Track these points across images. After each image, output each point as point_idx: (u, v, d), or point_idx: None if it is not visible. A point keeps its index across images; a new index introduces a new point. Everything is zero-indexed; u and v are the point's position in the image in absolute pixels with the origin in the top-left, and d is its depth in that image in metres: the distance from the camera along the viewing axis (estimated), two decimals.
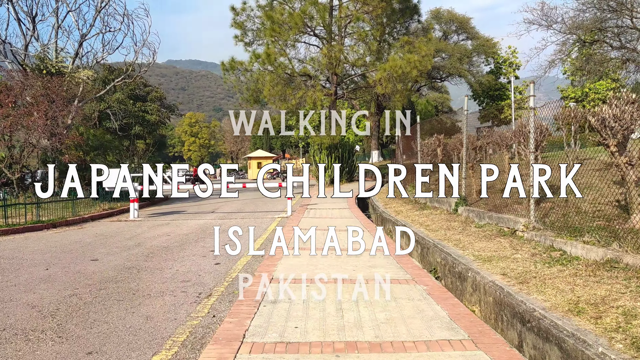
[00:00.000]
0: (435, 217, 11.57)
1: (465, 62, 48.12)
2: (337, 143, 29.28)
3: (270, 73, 27.75)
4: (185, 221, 14.69)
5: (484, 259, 7.13)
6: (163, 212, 17.77)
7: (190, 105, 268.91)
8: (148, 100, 38.46)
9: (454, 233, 9.48)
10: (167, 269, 8.11)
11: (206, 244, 10.53)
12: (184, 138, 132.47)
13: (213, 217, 15.63)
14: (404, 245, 7.82)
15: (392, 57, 26.67)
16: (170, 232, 12.41)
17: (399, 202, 15.56)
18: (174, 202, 22.14)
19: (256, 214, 16.26)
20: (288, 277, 6.70)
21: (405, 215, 12.62)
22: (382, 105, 51.39)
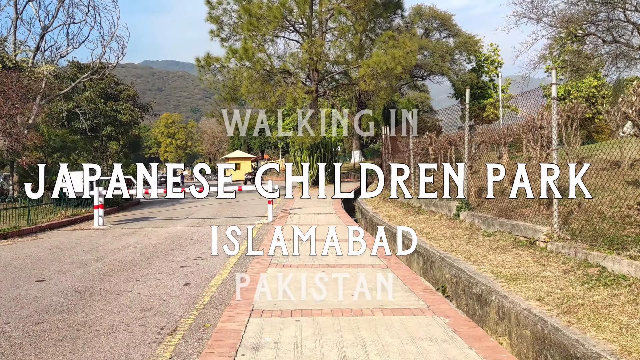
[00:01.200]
0: (435, 224, 10.38)
1: (448, 59, 47.26)
2: (318, 143, 28.02)
3: (248, 69, 26.38)
4: (155, 229, 13.28)
5: (507, 278, 5.93)
6: (132, 218, 16.31)
7: (167, 106, 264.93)
8: (120, 99, 36.68)
9: (461, 243, 8.28)
10: (125, 293, 6.75)
11: (176, 258, 9.18)
12: (160, 139, 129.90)
13: (186, 224, 14.25)
14: (407, 260, 6.61)
15: (376, 53, 25.52)
16: (137, 243, 11.01)
17: (389, 206, 14.36)
18: (146, 207, 20.65)
19: (233, 220, 14.91)
20: (272, 307, 5.41)
21: (399, 221, 11.41)
22: (364, 103, 50.31)
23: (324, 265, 7.47)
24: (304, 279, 6.66)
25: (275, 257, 8.11)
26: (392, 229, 10.49)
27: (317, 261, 7.72)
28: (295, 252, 8.41)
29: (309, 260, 7.89)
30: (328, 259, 7.90)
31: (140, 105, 39.82)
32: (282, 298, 5.80)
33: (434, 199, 11.89)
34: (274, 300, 5.71)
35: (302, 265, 7.49)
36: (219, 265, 8.42)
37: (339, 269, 7.29)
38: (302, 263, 7.59)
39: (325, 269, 7.24)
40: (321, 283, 6.46)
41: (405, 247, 9.20)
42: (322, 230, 10.66)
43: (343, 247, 8.16)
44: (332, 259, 7.94)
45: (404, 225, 10.78)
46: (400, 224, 11.02)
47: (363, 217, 14.59)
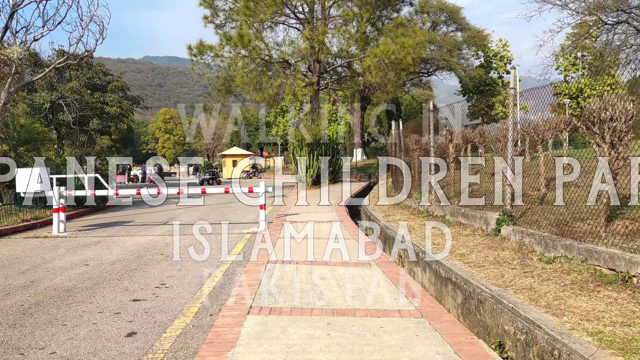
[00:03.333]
0: (468, 241, 8.17)
1: (456, 54, 45.00)
2: (319, 139, 25.80)
3: (244, 58, 24.15)
4: (123, 238, 11.06)
5: (619, 347, 3.74)
6: (104, 222, 14.10)
7: (167, 102, 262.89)
8: (108, 90, 34.45)
9: (516, 273, 6.07)
10: (35, 351, 4.55)
11: (133, 284, 6.96)
12: (157, 135, 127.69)
13: (163, 231, 12.03)
14: (436, 291, 4.43)
15: (384, 41, 23.27)
16: (93, 259, 8.80)
17: (403, 213, 12.14)
18: (127, 208, 18.44)
19: (220, 226, 12.71)
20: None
21: (420, 235, 9.20)
22: (367, 99, 48.10)
23: (330, 311, 5.25)
24: (299, 339, 4.44)
25: (260, 297, 5.89)
26: (414, 247, 8.29)
27: (319, 302, 5.49)
28: (288, 286, 6.20)
29: (307, 300, 5.67)
30: (335, 300, 5.68)
31: (131, 98, 37.56)
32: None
33: (462, 208, 9.68)
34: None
35: (297, 310, 5.27)
36: (185, 298, 6.21)
37: (352, 319, 5.06)
38: (297, 306, 5.36)
39: (331, 321, 5.01)
40: (326, 350, 4.24)
41: (433, 274, 7.03)
42: (325, 247, 8.44)
43: (356, 279, 5.97)
44: (340, 299, 5.72)
45: (428, 240, 8.57)
46: (422, 239, 8.81)
47: (372, 224, 12.37)
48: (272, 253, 7.91)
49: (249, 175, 57.38)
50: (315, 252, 8.07)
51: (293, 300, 5.30)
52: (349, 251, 8.18)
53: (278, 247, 8.45)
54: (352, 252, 8.13)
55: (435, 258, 7.23)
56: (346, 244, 8.85)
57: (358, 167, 42.16)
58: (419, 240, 8.75)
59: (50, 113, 32.56)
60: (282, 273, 6.39)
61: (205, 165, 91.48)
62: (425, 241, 8.55)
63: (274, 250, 8.20)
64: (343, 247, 8.46)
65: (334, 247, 8.34)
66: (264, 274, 6.31)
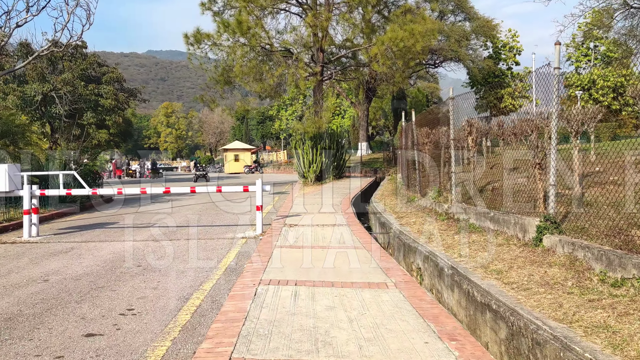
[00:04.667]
0: (503, 252, 6.78)
1: (464, 45, 43.40)
2: (323, 132, 24.40)
3: (243, 46, 22.72)
4: (100, 244, 9.72)
5: None
6: (85, 224, 12.76)
7: (170, 96, 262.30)
8: (103, 82, 33.05)
9: (578, 302, 4.69)
10: None
11: (92, 310, 5.62)
12: (159, 129, 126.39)
13: (147, 235, 10.68)
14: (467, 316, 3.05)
15: (392, 28, 21.80)
16: (57, 271, 7.46)
17: (419, 215, 10.74)
18: (116, 206, 17.11)
19: (212, 229, 11.36)
20: None
21: (443, 244, 7.81)
22: (373, 91, 46.59)
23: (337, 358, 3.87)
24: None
25: (244, 341, 4.52)
26: (438, 259, 6.91)
27: (323, 350, 4.08)
28: (283, 322, 4.83)
29: (307, 347, 4.28)
30: (345, 347, 4.29)
31: (128, 90, 36.17)
32: None
33: (491, 210, 8.29)
34: None
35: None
36: (154, 332, 4.87)
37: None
38: (294, 357, 3.97)
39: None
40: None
41: (465, 296, 5.68)
42: (331, 260, 7.07)
43: (371, 309, 4.61)
44: (353, 344, 4.32)
45: (453, 250, 7.19)
46: (445, 248, 7.43)
47: (383, 229, 10.99)
48: (267, 268, 6.55)
49: (251, 170, 56.03)
50: (319, 266, 6.71)
51: (289, 348, 3.91)
52: (360, 265, 6.81)
53: (274, 260, 7.08)
54: (363, 266, 6.76)
55: (467, 275, 5.87)
56: (356, 255, 7.48)
57: (363, 162, 40.76)
58: (442, 250, 7.37)
59: (42, 106, 31.23)
60: (276, 300, 5.03)
61: (207, 159, 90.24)
62: (450, 252, 7.17)
63: (269, 263, 6.83)
64: (352, 259, 7.09)
65: (342, 261, 6.97)
66: (253, 301, 4.96)
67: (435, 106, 20.68)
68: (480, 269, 6.13)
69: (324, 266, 6.65)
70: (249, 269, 6.56)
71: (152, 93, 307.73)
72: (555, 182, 6.70)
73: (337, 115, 68.22)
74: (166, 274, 7.24)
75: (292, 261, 6.95)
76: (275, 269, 6.53)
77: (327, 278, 5.98)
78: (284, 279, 5.82)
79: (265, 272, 6.24)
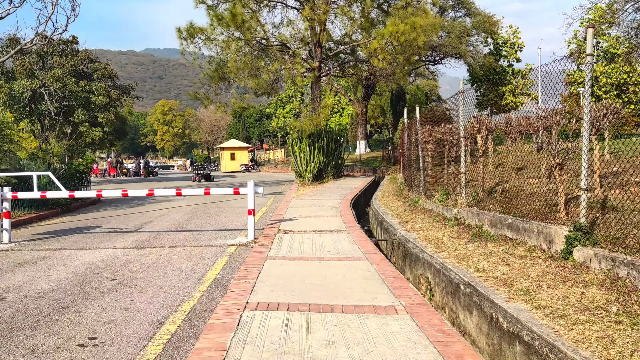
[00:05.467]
0: (527, 266, 5.92)
1: (465, 41, 42.52)
2: (321, 130, 23.53)
3: (237, 40, 21.83)
4: (76, 253, 8.84)
5: None
6: (65, 228, 11.87)
7: (167, 94, 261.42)
8: (94, 78, 32.10)
9: (633, 337, 3.83)
10: None
11: (47, 339, 4.74)
12: (156, 127, 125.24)
13: (129, 242, 9.80)
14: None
15: (393, 21, 20.92)
16: (20, 287, 6.58)
17: (425, 219, 9.87)
18: (103, 208, 16.22)
19: (200, 235, 10.48)
20: None
21: (455, 254, 6.95)
22: (372, 88, 45.72)
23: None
24: None
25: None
26: (451, 273, 6.05)
27: None
28: (271, 352, 3.94)
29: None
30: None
31: (121, 87, 35.23)
32: None
33: (507, 218, 7.42)
34: None
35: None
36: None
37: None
38: None
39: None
40: None
41: (487, 321, 4.85)
42: (331, 277, 6.20)
43: (380, 345, 3.74)
44: None
45: (468, 263, 6.33)
46: (458, 260, 6.57)
47: (385, 234, 10.13)
48: (255, 286, 5.68)
49: (247, 168, 55.11)
50: (316, 284, 5.84)
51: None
52: (364, 282, 5.95)
53: (265, 276, 6.20)
54: (367, 283, 5.89)
55: (489, 296, 5.02)
56: (359, 268, 6.61)
57: (362, 161, 39.93)
58: (455, 262, 6.51)
59: (32, 103, 30.30)
60: (263, 333, 4.15)
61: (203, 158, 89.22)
62: (465, 265, 6.31)
63: (258, 280, 5.95)
64: (354, 274, 6.22)
65: (343, 276, 6.10)
66: (235, 334, 4.08)
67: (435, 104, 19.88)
68: (503, 288, 5.27)
69: (321, 284, 5.78)
70: (235, 287, 5.69)
71: (150, 91, 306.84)
72: (587, 185, 5.84)
73: (335, 113, 67.33)
74: (143, 289, 6.37)
75: (285, 277, 6.08)
76: (265, 287, 5.66)
77: (325, 300, 5.11)
78: (275, 302, 4.95)
79: (253, 292, 5.37)
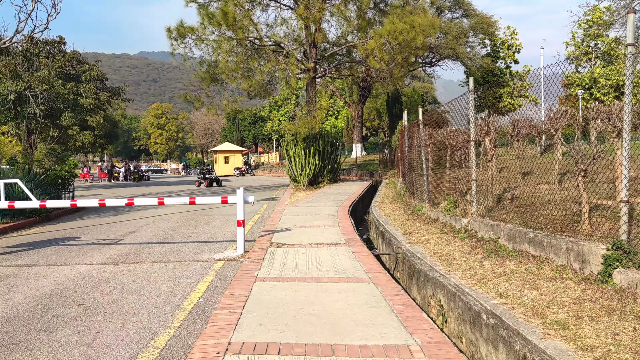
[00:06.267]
0: (557, 291, 5.08)
1: (462, 42, 41.82)
2: (316, 133, 22.69)
3: (229, 40, 20.97)
4: (44, 270, 7.94)
5: None
6: (40, 240, 10.96)
7: (161, 97, 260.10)
8: (82, 80, 31.15)
9: None
10: None
11: None
12: (149, 130, 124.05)
13: (106, 256, 8.90)
14: None
15: (391, 20, 20.13)
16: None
17: (432, 231, 9.02)
18: (85, 216, 15.34)
19: (186, 248, 9.61)
20: None
21: (469, 272, 6.11)
22: (368, 90, 44.93)
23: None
24: None
25: None
26: (470, 298, 5.21)
27: None
28: None
29: None
30: None
31: (110, 89, 34.28)
32: None
33: (529, 231, 6.58)
34: None
35: None
36: None
37: None
38: None
39: None
40: None
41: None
42: (329, 305, 5.34)
43: None
44: None
45: (488, 286, 5.49)
46: (475, 281, 5.74)
47: (388, 246, 9.28)
48: (241, 319, 4.82)
49: (241, 172, 54.21)
50: (313, 314, 4.98)
51: None
52: (369, 311, 5.09)
53: (253, 304, 5.32)
54: (373, 312, 5.04)
55: (518, 330, 4.18)
56: (362, 292, 5.75)
57: (358, 164, 39.11)
58: (472, 283, 5.67)
59: (17, 105, 29.27)
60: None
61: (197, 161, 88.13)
62: (484, 287, 5.47)
63: (244, 310, 5.07)
64: (358, 300, 5.36)
65: (345, 304, 5.24)
66: None
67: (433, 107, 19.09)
68: (534, 319, 4.43)
69: (319, 314, 4.92)
70: (217, 319, 4.81)
71: (144, 94, 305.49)
72: (628, 196, 5.02)
73: (330, 116, 66.49)
74: (112, 317, 5.50)
75: (277, 305, 5.22)
76: (253, 319, 4.79)
77: (325, 337, 4.25)
78: (263, 341, 4.09)
79: (238, 326, 4.51)
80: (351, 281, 6.09)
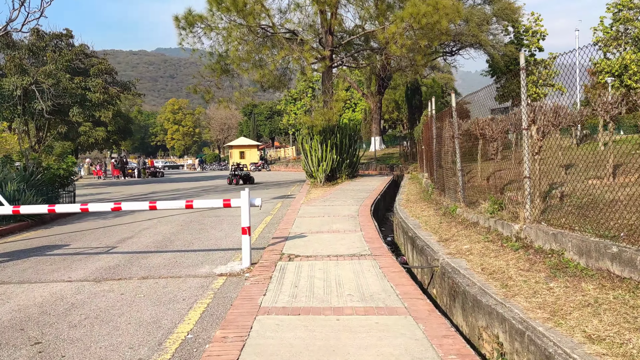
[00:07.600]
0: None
1: (485, 29, 39.94)
2: (333, 126, 21.28)
3: (239, 27, 19.62)
4: (11, 289, 6.67)
5: None
6: (21, 249, 9.74)
7: (179, 93, 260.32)
8: (90, 74, 30.08)
9: None
10: None
11: None
12: (166, 126, 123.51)
13: (90, 270, 7.62)
14: None
15: (413, 2, 18.58)
16: None
17: (472, 235, 7.56)
18: (83, 219, 14.16)
19: (184, 258, 8.30)
20: None
21: (538, 302, 4.67)
22: (386, 80, 43.29)
23: None
24: None
25: None
26: (543, 341, 3.79)
27: None
28: None
29: None
30: None
31: (121, 84, 33.20)
32: None
33: (611, 244, 5.10)
34: None
35: None
36: None
37: None
38: None
39: None
40: None
41: None
42: (355, 351, 3.95)
43: None
44: None
45: (568, 322, 4.07)
46: (551, 314, 4.31)
47: (420, 256, 7.85)
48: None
49: (257, 167, 53.03)
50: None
51: None
52: (407, 353, 3.70)
53: (249, 356, 3.97)
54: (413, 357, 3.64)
55: None
56: (398, 331, 4.36)
57: (377, 158, 37.58)
58: (544, 317, 4.24)
59: (25, 101, 28.32)
60: None
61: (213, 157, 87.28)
62: (564, 324, 4.04)
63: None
64: (395, 352, 3.95)
65: (375, 355, 3.83)
66: None
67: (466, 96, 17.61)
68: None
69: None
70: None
71: (161, 90, 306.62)
72: None
73: (347, 109, 64.92)
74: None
75: (283, 357, 3.84)
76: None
77: None
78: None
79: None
80: (382, 313, 4.69)
